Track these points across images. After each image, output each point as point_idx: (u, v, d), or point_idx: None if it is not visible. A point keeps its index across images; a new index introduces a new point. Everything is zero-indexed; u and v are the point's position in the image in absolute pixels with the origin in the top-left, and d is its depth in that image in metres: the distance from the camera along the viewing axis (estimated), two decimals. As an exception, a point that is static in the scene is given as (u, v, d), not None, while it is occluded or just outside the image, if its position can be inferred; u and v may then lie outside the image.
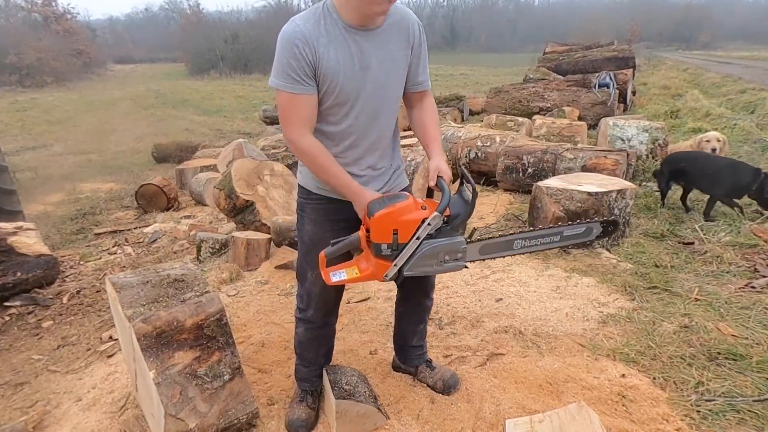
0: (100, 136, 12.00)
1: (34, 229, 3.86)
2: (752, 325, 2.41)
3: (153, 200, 6.02)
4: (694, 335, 2.35)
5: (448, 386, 2.04)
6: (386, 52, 1.61)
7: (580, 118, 7.76)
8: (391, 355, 2.25)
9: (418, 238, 1.56)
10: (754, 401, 1.91)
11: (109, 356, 2.60)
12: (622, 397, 1.99)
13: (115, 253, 4.55)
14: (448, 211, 1.58)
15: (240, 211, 4.02)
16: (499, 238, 1.77)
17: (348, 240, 1.64)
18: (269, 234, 3.74)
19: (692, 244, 3.46)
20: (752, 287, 2.80)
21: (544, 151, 4.72)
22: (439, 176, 1.67)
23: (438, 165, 1.70)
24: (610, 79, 8.72)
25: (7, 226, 3.72)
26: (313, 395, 1.99)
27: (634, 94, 10.79)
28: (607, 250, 3.44)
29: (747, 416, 1.85)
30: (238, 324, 2.72)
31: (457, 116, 9.72)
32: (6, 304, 3.29)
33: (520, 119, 6.98)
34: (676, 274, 3.05)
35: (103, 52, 40.07)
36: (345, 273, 1.65)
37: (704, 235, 3.54)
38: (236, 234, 3.65)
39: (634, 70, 10.68)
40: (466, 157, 5.42)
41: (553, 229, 1.83)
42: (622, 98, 9.16)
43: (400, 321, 2.11)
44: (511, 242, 1.78)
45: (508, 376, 2.15)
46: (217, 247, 3.90)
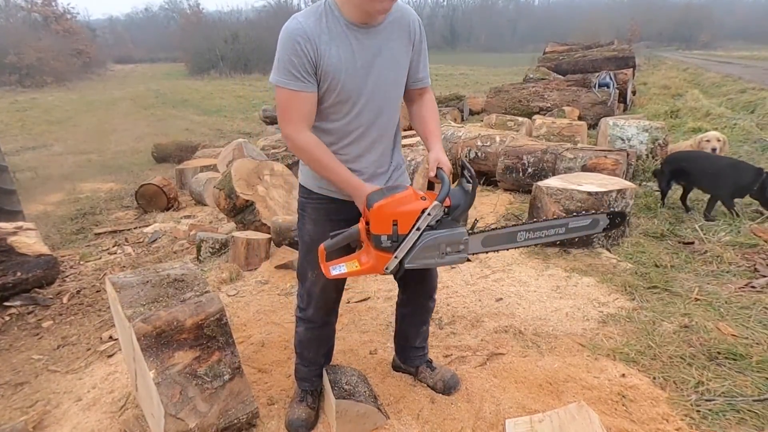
0: (100, 136, 12.00)
1: (34, 229, 3.86)
2: (752, 325, 2.41)
3: (153, 200, 6.02)
4: (694, 335, 2.35)
5: (449, 387, 2.04)
6: (388, 50, 1.61)
7: (580, 118, 7.75)
8: (391, 355, 2.25)
9: (419, 229, 1.53)
10: (754, 401, 1.91)
11: (109, 356, 2.60)
12: (622, 396, 1.99)
13: (115, 253, 4.55)
14: (449, 201, 1.55)
15: (240, 211, 4.02)
16: (501, 230, 1.74)
17: (347, 232, 1.62)
18: (269, 234, 3.74)
19: (692, 243, 3.46)
20: (752, 287, 2.80)
21: (544, 151, 4.72)
22: (438, 167, 1.67)
23: (438, 156, 1.69)
24: (610, 79, 8.72)
25: (7, 226, 3.72)
26: (313, 395, 1.99)
27: (634, 93, 10.79)
28: (607, 250, 3.44)
29: (747, 416, 1.85)
30: (238, 324, 2.72)
31: (457, 116, 9.72)
32: (6, 304, 3.29)
33: (520, 119, 6.97)
34: (676, 274, 3.05)
35: (103, 52, 40.09)
36: (345, 266, 1.63)
37: (704, 234, 3.54)
38: (236, 234, 3.65)
39: (634, 70, 10.67)
40: (466, 157, 5.44)
41: (558, 221, 1.79)
42: (622, 98, 9.16)
43: (403, 322, 2.10)
44: (515, 234, 1.75)
45: (508, 375, 2.15)
46: (217, 247, 3.90)
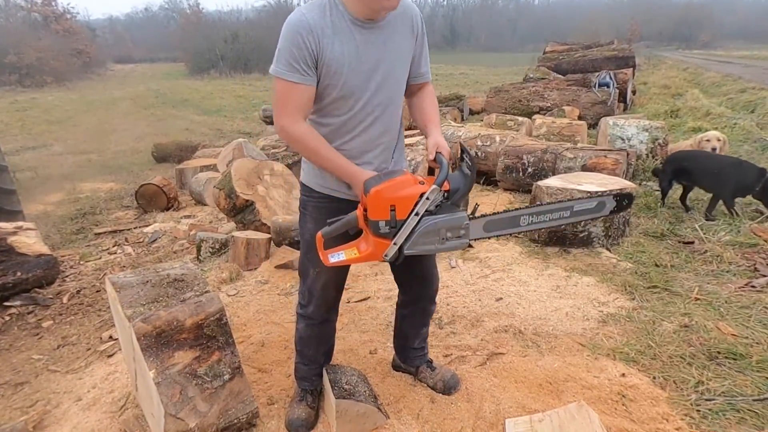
0: (100, 136, 11.99)
1: (34, 228, 3.86)
2: (752, 325, 2.41)
3: (153, 200, 6.01)
4: (694, 335, 2.35)
5: (449, 387, 2.04)
6: (392, 45, 1.61)
7: (580, 118, 7.75)
8: (391, 355, 2.26)
9: (417, 214, 1.50)
10: (754, 400, 1.91)
11: (109, 356, 2.60)
12: (622, 396, 1.99)
13: (115, 253, 4.55)
14: (447, 185, 1.51)
15: (240, 211, 4.02)
16: (503, 214, 1.69)
17: (345, 219, 1.59)
18: (269, 234, 3.74)
19: (692, 243, 3.46)
20: (752, 286, 2.80)
21: (544, 151, 4.72)
22: (438, 152, 1.65)
23: (437, 141, 1.67)
24: (610, 79, 8.71)
25: (7, 226, 3.72)
26: (313, 394, 1.99)
27: (634, 93, 10.78)
28: (607, 250, 3.44)
29: (747, 415, 1.85)
30: (238, 324, 2.72)
31: (457, 116, 9.71)
32: (6, 304, 3.29)
33: (520, 119, 6.96)
34: (676, 274, 3.05)
35: (103, 51, 40.07)
36: (344, 254, 1.60)
37: (704, 234, 3.54)
38: (236, 234, 3.65)
39: (634, 70, 10.67)
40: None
41: (563, 204, 1.74)
42: (622, 98, 9.16)
43: (403, 323, 2.10)
44: (518, 218, 1.69)
45: (508, 375, 2.15)
46: (217, 247, 3.90)
